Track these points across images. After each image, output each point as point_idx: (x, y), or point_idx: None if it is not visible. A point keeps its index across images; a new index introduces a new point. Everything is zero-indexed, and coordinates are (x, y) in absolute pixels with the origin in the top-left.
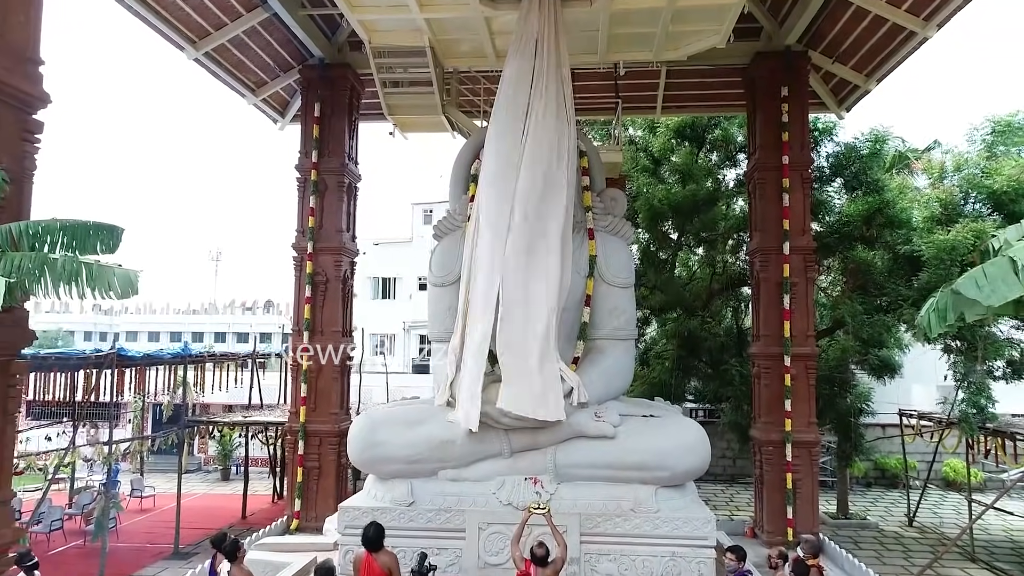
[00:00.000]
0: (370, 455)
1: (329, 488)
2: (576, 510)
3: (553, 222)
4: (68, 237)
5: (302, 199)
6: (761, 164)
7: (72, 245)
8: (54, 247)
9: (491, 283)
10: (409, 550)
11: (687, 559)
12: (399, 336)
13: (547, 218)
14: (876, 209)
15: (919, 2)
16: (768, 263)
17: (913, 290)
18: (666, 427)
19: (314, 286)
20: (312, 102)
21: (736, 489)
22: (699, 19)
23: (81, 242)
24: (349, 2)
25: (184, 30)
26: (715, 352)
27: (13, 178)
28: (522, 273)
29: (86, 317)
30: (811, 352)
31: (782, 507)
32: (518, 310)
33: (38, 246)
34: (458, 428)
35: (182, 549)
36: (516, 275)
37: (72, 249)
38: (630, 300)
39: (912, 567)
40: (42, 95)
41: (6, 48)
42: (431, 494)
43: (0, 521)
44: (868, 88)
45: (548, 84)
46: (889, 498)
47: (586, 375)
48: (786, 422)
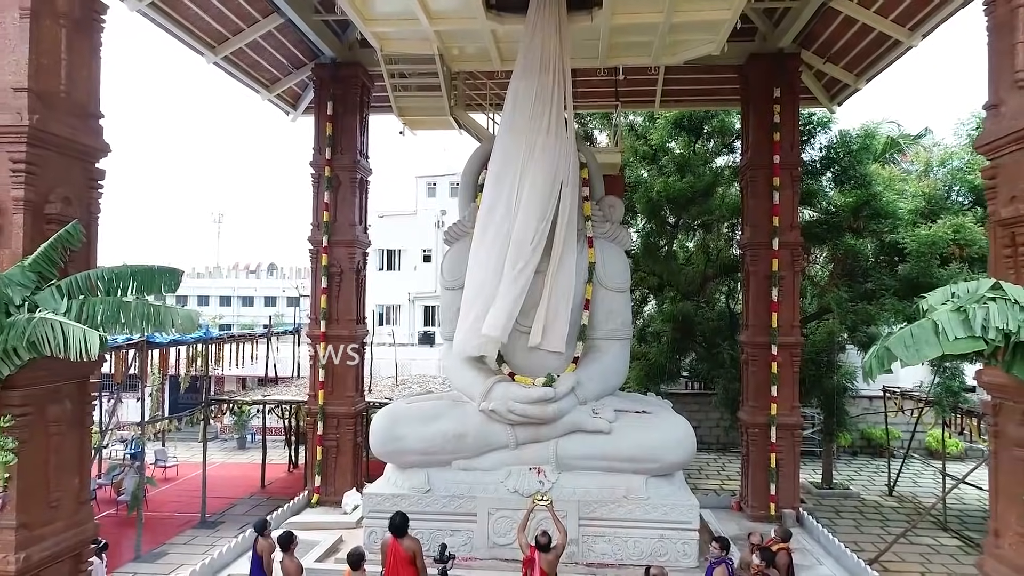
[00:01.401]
0: (391, 448)
1: (346, 465)
2: (575, 497)
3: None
4: (137, 281)
5: (316, 194)
6: (753, 162)
7: (141, 288)
8: (126, 290)
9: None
10: (426, 532)
11: (673, 540)
12: (404, 306)
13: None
14: (864, 202)
15: (905, 13)
16: (758, 258)
17: (896, 279)
18: (657, 424)
19: (329, 277)
20: (325, 100)
21: (728, 458)
22: (695, 31)
23: (148, 284)
24: (362, 15)
25: (204, 37)
26: (708, 335)
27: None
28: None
29: None
30: (796, 341)
31: (766, 484)
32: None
33: (112, 290)
34: (469, 423)
35: (209, 518)
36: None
37: (141, 291)
38: (626, 304)
39: (887, 535)
40: (103, 146)
41: (72, 106)
42: (445, 482)
43: (84, 516)
44: (858, 87)
45: (553, 105)
46: (873, 467)
47: (585, 374)
48: (771, 407)
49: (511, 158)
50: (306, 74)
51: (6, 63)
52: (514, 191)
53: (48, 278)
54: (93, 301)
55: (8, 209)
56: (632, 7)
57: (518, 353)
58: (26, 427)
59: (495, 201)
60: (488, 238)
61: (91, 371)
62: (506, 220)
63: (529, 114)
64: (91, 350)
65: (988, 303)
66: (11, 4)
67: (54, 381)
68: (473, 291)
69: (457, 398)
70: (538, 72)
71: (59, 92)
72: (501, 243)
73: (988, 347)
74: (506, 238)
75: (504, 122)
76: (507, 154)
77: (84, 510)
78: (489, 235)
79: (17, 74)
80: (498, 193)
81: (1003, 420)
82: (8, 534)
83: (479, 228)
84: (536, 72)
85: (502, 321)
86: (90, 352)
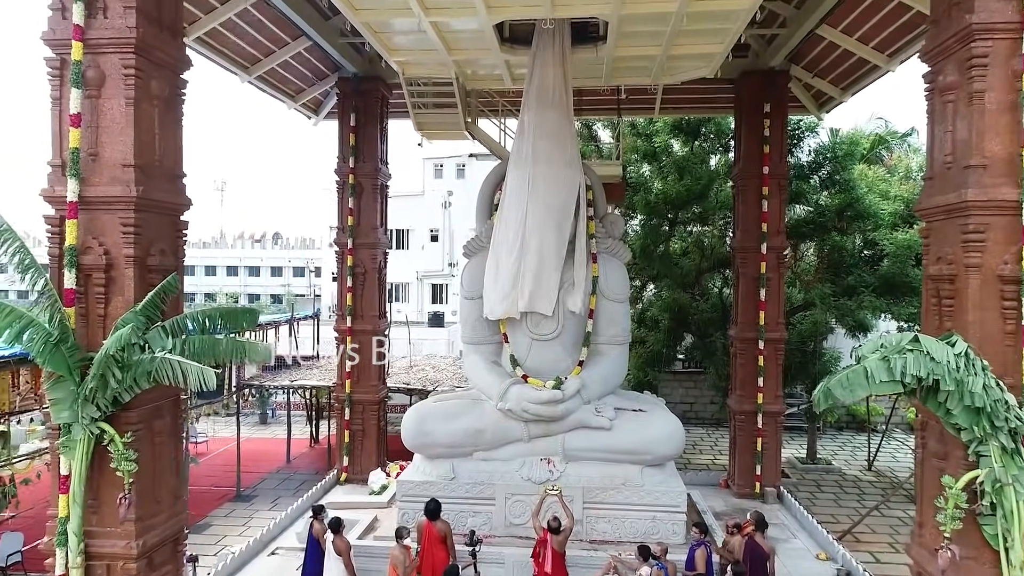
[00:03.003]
0: (420, 441)
1: (371, 447)
2: (580, 484)
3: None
4: (224, 320)
5: (341, 200)
6: (744, 172)
7: (227, 325)
8: (215, 329)
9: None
10: (452, 513)
11: (664, 521)
12: (413, 284)
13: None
14: (848, 204)
15: (883, 42)
16: (747, 260)
17: (876, 277)
18: (651, 421)
19: (354, 277)
20: (348, 111)
21: (720, 433)
22: (691, 59)
23: (233, 322)
24: (387, 47)
25: (240, 60)
26: (702, 325)
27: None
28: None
29: None
30: (780, 337)
31: (751, 465)
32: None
33: (206, 329)
34: (488, 420)
35: (243, 492)
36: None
37: (227, 328)
38: (625, 313)
39: (863, 508)
40: (187, 201)
41: (165, 173)
42: (468, 471)
43: (179, 508)
44: (843, 99)
45: (563, 134)
46: (856, 442)
47: (589, 377)
48: (758, 396)
49: (520, 186)
50: (328, 85)
51: (116, 143)
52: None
53: (154, 320)
54: (192, 339)
55: (120, 264)
56: (632, 42)
57: (530, 356)
58: (140, 440)
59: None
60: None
61: (181, 391)
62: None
63: (543, 146)
64: (209, 383)
65: (907, 354)
66: (117, 94)
67: (157, 401)
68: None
69: (476, 397)
70: (548, 107)
71: (155, 162)
72: (513, 234)
73: (906, 388)
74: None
75: (515, 151)
76: (519, 182)
77: (179, 503)
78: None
79: (125, 153)
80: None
81: (927, 435)
82: (130, 526)
83: (498, 226)
84: (546, 107)
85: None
86: (208, 385)
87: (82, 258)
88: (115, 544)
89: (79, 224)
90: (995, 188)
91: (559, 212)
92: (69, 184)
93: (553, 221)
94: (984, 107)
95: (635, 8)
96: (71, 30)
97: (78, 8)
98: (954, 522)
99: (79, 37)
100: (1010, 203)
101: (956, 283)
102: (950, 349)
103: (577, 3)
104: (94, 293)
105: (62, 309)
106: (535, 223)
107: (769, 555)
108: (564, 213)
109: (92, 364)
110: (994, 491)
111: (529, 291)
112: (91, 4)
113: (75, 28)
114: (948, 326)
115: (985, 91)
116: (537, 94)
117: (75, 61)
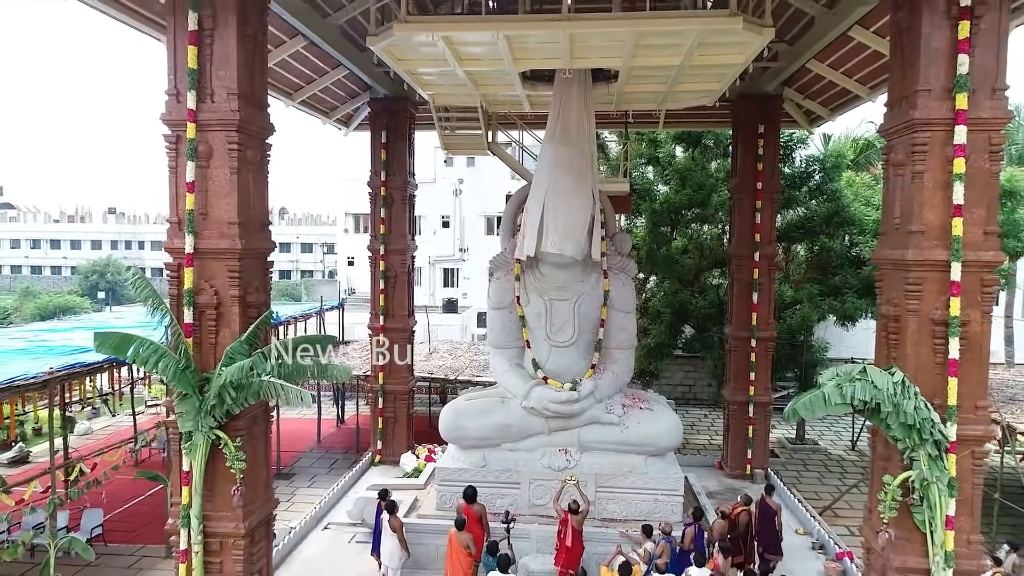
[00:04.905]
0: (455, 435)
1: (402, 433)
2: (593, 471)
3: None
4: (309, 343)
5: (373, 209)
6: (740, 186)
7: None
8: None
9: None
10: (483, 495)
11: (664, 503)
12: (425, 269)
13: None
14: (835, 212)
15: (865, 77)
16: (742, 266)
17: (858, 279)
18: (655, 418)
19: (386, 280)
20: (379, 129)
21: (717, 414)
22: (692, 93)
23: (314, 348)
24: (421, 83)
25: (285, 88)
26: (701, 320)
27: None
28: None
29: (109, 227)
30: (770, 336)
31: (743, 450)
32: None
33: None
34: (514, 416)
35: (283, 470)
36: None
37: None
38: (632, 321)
39: (843, 486)
40: (272, 244)
41: (256, 223)
42: (497, 460)
43: (268, 496)
44: (832, 118)
45: (583, 168)
46: (842, 424)
47: (601, 378)
48: (750, 388)
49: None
50: (360, 102)
51: (223, 205)
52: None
53: (255, 347)
54: (286, 363)
55: (227, 302)
56: (641, 81)
57: (550, 360)
58: (245, 442)
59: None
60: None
61: (269, 400)
62: None
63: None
64: (306, 402)
65: (856, 382)
66: (223, 164)
67: (255, 411)
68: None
69: (503, 395)
70: (571, 143)
71: (251, 217)
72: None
73: (855, 408)
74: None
75: (537, 181)
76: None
77: (268, 491)
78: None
79: (230, 212)
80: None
81: (877, 439)
82: (239, 511)
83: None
84: (569, 143)
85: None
86: (305, 403)
87: (197, 298)
88: (227, 525)
89: (194, 271)
90: (930, 250)
91: (575, 241)
92: (187, 239)
93: (570, 245)
94: (923, 185)
95: (643, 61)
96: (185, 113)
97: (191, 95)
98: (892, 511)
99: (192, 119)
100: (941, 263)
101: (900, 322)
102: (890, 378)
103: (593, 56)
104: (207, 326)
105: (184, 340)
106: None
107: (777, 512)
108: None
109: (209, 383)
110: (922, 488)
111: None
112: (201, 90)
113: (189, 112)
114: (894, 356)
115: (924, 172)
116: (562, 130)
117: (190, 139)
